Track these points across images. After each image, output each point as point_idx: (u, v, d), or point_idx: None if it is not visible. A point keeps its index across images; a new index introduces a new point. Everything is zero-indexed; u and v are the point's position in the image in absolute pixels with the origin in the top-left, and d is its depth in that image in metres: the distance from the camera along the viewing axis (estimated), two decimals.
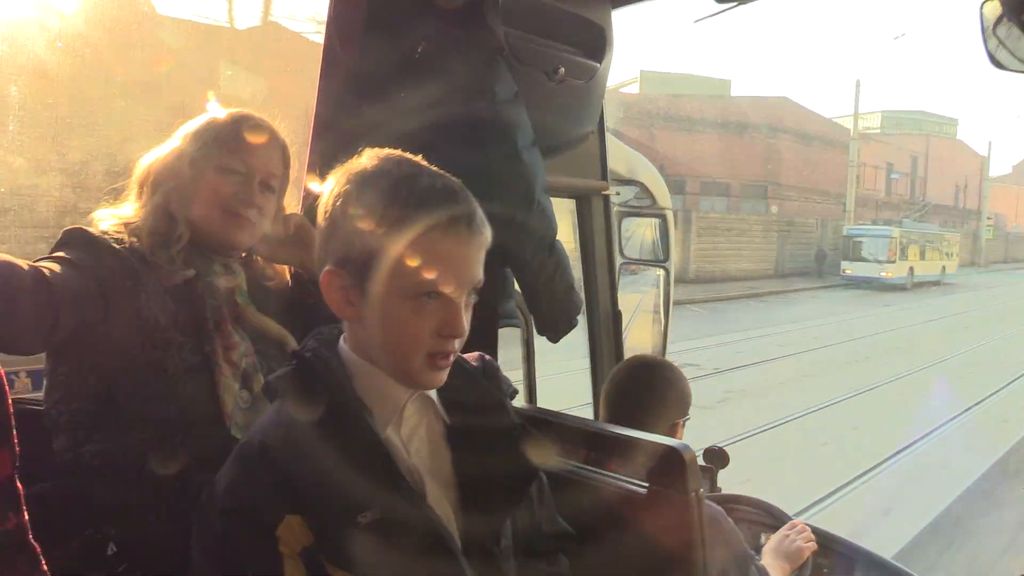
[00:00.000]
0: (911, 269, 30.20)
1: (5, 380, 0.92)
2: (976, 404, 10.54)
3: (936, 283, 31.58)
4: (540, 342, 2.13)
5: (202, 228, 1.46)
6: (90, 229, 1.39)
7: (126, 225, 1.41)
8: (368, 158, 1.06)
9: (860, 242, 29.23)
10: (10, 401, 0.92)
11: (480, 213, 1.05)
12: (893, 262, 28.96)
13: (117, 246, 1.37)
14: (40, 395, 1.42)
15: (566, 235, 2.03)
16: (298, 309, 1.56)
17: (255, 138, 1.48)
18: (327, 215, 1.05)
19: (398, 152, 1.07)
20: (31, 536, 0.94)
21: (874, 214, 35.40)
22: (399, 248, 0.99)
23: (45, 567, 0.95)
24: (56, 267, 1.28)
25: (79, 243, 1.36)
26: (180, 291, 1.41)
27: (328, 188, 1.06)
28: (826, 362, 13.05)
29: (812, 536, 1.95)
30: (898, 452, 8.13)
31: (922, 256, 31.36)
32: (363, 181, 1.03)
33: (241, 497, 0.98)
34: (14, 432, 0.92)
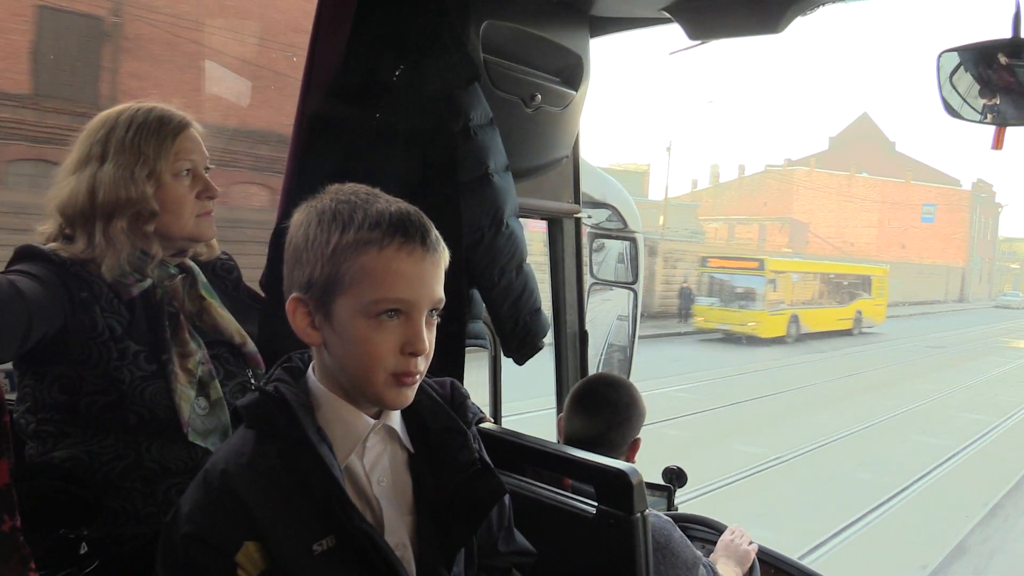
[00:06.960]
0: None
1: (3, 393, 0.95)
2: None
3: None
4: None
5: (172, 235, 1.47)
6: (43, 246, 1.39)
7: (84, 264, 1.38)
8: (329, 192, 1.10)
9: None
10: (7, 416, 0.95)
11: (435, 233, 1.09)
12: None
13: (71, 263, 1.37)
14: (14, 396, 1.43)
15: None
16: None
17: (185, 129, 1.47)
18: (291, 245, 1.10)
19: (360, 185, 1.12)
20: (23, 538, 0.97)
21: None
22: (356, 269, 1.03)
23: (33, 566, 0.99)
24: (22, 279, 1.29)
25: (35, 258, 1.36)
26: (137, 302, 1.42)
27: (294, 221, 1.11)
28: None
29: (751, 538, 2.03)
30: None
31: None
32: (322, 210, 1.07)
33: (202, 523, 1.01)
34: (11, 443, 0.95)
